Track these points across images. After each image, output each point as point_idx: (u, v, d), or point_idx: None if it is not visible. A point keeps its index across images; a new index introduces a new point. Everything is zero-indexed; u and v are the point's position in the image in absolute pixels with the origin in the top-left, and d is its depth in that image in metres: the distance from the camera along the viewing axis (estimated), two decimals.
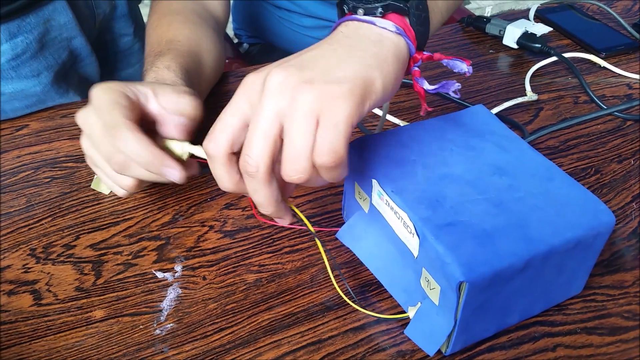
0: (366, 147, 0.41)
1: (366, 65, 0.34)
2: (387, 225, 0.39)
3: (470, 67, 0.39)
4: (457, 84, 0.38)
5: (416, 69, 0.39)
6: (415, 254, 0.37)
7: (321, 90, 0.32)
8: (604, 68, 0.69)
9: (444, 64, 0.40)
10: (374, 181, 0.39)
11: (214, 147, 0.35)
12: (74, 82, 0.68)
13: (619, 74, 0.68)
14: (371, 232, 0.42)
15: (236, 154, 0.35)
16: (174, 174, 0.40)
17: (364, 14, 0.37)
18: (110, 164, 0.41)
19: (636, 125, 0.60)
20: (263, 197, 0.35)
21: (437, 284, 0.35)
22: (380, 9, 0.37)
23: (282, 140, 0.33)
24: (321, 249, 0.42)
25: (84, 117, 0.42)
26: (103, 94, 0.41)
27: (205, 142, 0.35)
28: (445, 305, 0.35)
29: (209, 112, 0.59)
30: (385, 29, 0.37)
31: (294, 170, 0.33)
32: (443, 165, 0.40)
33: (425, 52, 0.39)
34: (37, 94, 0.62)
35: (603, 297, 0.43)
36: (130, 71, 0.80)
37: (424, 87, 0.39)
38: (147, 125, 0.42)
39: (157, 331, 0.39)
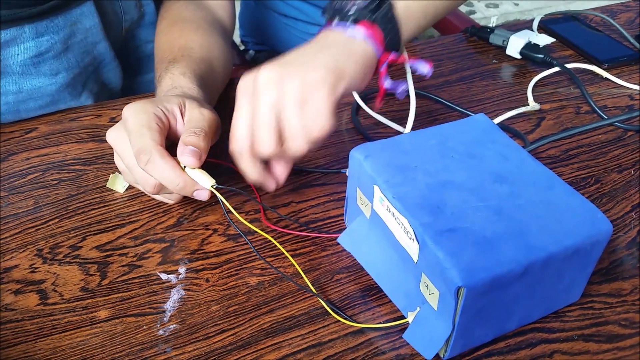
0: (368, 154, 0.42)
1: (335, 58, 0.43)
2: (388, 230, 0.40)
3: (432, 69, 0.48)
4: (405, 85, 0.47)
5: (382, 69, 0.47)
6: (415, 259, 0.37)
7: (301, 79, 0.41)
8: (606, 79, 0.69)
9: (408, 66, 0.49)
10: (376, 187, 0.40)
11: (240, 146, 0.42)
12: (93, 87, 0.69)
13: (621, 85, 0.69)
14: (372, 237, 0.43)
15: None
16: (204, 194, 0.44)
17: (338, 22, 0.45)
18: (146, 188, 0.44)
19: (637, 136, 0.61)
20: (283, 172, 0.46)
21: (436, 289, 0.36)
22: (351, 20, 0.45)
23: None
24: (295, 264, 0.43)
25: (114, 137, 0.45)
26: (135, 116, 0.43)
27: (230, 144, 0.43)
28: (443, 311, 0.36)
29: (223, 117, 0.60)
30: (354, 36, 0.45)
31: (296, 146, 0.42)
32: (444, 173, 0.41)
33: (394, 54, 0.47)
34: (51, 94, 0.63)
35: (601, 305, 0.43)
36: (152, 75, 0.81)
37: (384, 85, 0.47)
38: (172, 139, 0.45)
39: (160, 332, 0.40)
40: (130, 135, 0.43)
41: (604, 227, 0.37)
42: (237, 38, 1.18)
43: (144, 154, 0.41)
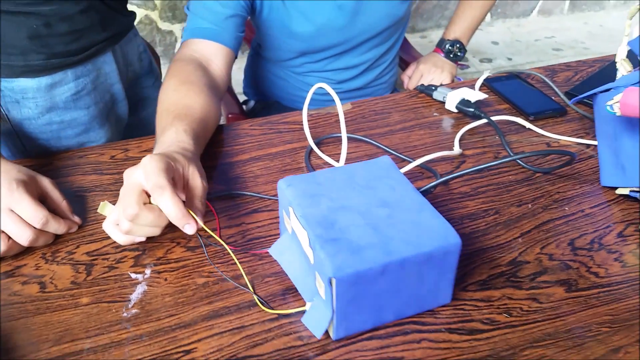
0: (290, 184, 0.55)
1: None
2: (299, 242, 0.53)
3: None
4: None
5: None
6: (312, 261, 0.50)
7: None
8: (529, 129, 0.82)
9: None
10: (290, 208, 0.53)
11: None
12: (110, 119, 0.90)
13: (541, 134, 0.81)
14: (292, 248, 0.55)
15: None
16: (191, 228, 0.54)
17: None
18: (125, 214, 0.53)
19: (544, 177, 0.72)
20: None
21: (322, 282, 0.48)
22: None
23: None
24: (240, 268, 0.55)
25: (130, 175, 0.55)
26: (155, 163, 0.54)
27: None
28: (327, 299, 0.48)
29: (204, 155, 0.74)
30: None
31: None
32: (344, 199, 0.53)
33: None
34: (84, 123, 0.84)
35: (470, 307, 0.54)
36: (148, 111, 1.02)
37: None
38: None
39: (125, 314, 0.53)
40: (149, 174, 0.53)
41: (453, 240, 0.49)
42: (238, 87, 1.35)
43: (160, 188, 0.53)
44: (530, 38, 2.44)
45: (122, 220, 0.54)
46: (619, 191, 0.69)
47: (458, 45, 1.21)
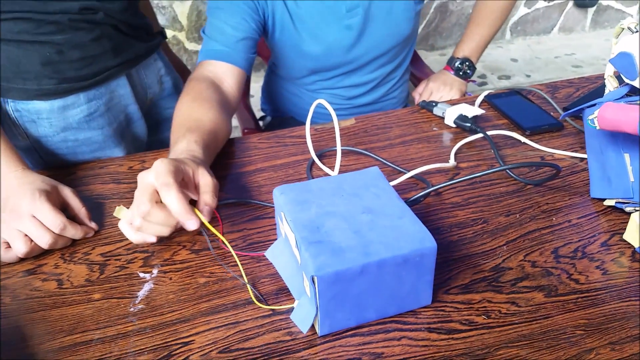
0: (283, 192, 0.60)
1: None
2: (290, 244, 0.57)
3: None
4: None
5: None
6: (299, 261, 0.54)
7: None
8: (524, 143, 0.85)
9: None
10: (282, 213, 0.58)
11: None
12: (127, 138, 0.95)
13: (536, 148, 0.83)
14: (285, 250, 0.60)
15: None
16: (193, 224, 0.58)
17: None
18: (138, 211, 0.59)
19: (535, 189, 0.75)
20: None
21: (307, 281, 0.52)
22: None
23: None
24: (240, 266, 0.60)
25: (143, 176, 0.60)
26: (165, 165, 0.60)
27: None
28: (312, 297, 0.52)
29: (215, 166, 0.80)
30: None
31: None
32: (331, 205, 0.58)
33: None
34: (99, 142, 0.89)
35: (451, 309, 0.57)
36: (169, 133, 1.06)
37: None
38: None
39: (132, 309, 0.58)
40: (159, 175, 0.59)
41: (428, 244, 0.53)
42: (259, 104, 1.41)
43: (166, 186, 0.58)
44: (550, 55, 2.45)
45: (135, 218, 0.60)
46: (606, 202, 0.71)
47: (467, 64, 1.25)
